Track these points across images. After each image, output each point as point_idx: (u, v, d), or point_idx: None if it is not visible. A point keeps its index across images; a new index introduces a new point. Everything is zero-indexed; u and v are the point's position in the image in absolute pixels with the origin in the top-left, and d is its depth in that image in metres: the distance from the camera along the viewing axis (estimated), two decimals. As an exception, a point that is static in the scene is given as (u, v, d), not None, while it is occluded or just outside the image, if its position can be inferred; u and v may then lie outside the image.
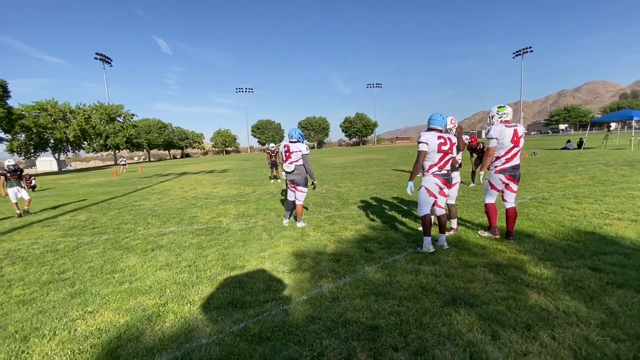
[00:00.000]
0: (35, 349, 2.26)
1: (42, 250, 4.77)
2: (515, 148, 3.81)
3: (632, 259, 3.13)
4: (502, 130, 3.80)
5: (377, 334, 2.18)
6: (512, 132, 3.77)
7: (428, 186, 3.72)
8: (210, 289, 3.07)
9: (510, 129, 3.79)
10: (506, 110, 3.89)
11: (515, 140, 3.78)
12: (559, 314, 2.30)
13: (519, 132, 3.79)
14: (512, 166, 3.85)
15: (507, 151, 3.83)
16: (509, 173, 3.87)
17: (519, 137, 3.79)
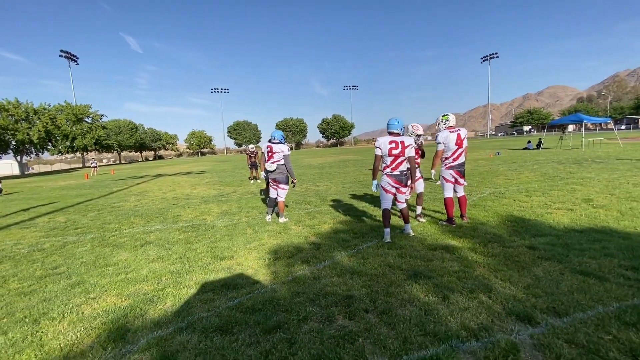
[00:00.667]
0: (48, 329, 2.52)
1: (28, 249, 4.86)
2: (459, 149, 4.55)
3: (561, 239, 3.78)
4: (447, 135, 4.53)
5: (351, 301, 2.62)
6: (456, 136, 4.51)
7: (383, 185, 4.17)
8: (203, 275, 3.40)
9: (454, 133, 4.52)
10: (449, 117, 4.65)
11: (459, 143, 4.52)
12: (497, 281, 2.85)
13: (462, 135, 4.53)
14: (458, 164, 4.61)
15: (453, 152, 4.57)
16: (457, 169, 4.62)
17: (462, 139, 4.52)
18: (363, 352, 1.99)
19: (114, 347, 2.21)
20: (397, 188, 4.13)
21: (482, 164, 13.67)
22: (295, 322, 2.38)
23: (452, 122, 4.65)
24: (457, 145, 4.56)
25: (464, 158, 4.68)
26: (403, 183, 4.12)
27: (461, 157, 4.63)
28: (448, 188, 4.73)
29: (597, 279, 2.74)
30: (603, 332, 2.03)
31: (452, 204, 4.68)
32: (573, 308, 2.32)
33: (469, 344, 2.01)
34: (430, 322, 2.27)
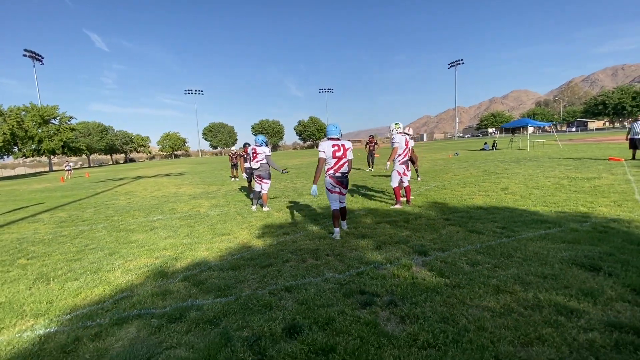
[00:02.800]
0: (108, 275, 3.63)
1: (50, 236, 5.78)
2: (406, 149, 6.06)
3: (469, 214, 5.29)
4: (401, 138, 5.98)
5: (318, 251, 3.93)
6: (405, 139, 5.99)
7: (327, 186, 4.54)
8: (210, 244, 4.59)
9: (404, 137, 6.00)
10: (400, 125, 6.12)
11: (406, 144, 6.03)
12: (414, 237, 4.26)
13: (408, 139, 6.04)
14: (406, 160, 6.16)
15: (403, 150, 6.02)
16: (405, 164, 6.14)
17: (407, 141, 6.05)
18: (323, 272, 3.29)
19: (162, 280, 3.38)
20: (339, 190, 4.53)
21: (440, 163, 15.50)
22: (280, 262, 3.65)
23: (401, 129, 6.26)
24: (405, 145, 6.15)
25: (408, 156, 6.23)
26: (344, 184, 4.52)
27: (407, 155, 6.18)
28: (396, 178, 6.16)
29: (477, 233, 4.22)
30: (462, 257, 3.46)
31: (399, 191, 6.14)
32: (453, 247, 3.76)
33: (385, 266, 3.37)
34: (365, 256, 3.63)
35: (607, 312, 2.28)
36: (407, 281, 2.94)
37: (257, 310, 2.60)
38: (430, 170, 12.57)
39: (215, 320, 2.49)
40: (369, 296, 2.70)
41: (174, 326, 2.45)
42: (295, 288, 2.96)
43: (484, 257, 3.42)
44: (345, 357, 1.95)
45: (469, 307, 2.46)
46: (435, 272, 3.09)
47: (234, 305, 2.71)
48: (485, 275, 2.97)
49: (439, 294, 2.68)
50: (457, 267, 3.20)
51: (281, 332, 2.27)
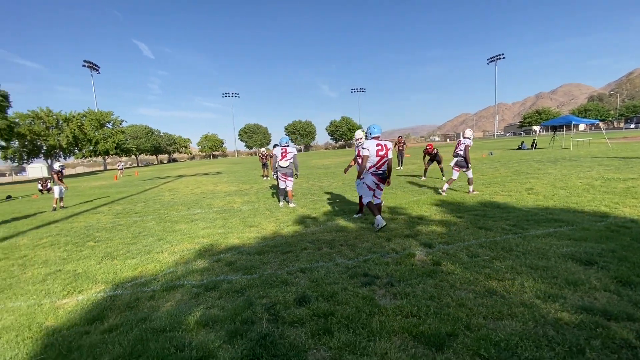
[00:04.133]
0: (158, 256, 4.37)
1: (110, 225, 6.80)
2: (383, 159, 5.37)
3: (484, 212, 5.46)
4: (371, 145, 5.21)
5: (333, 242, 4.40)
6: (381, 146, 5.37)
7: (367, 182, 4.92)
8: (241, 234, 5.23)
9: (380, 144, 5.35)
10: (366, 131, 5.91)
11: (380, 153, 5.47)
12: (424, 231, 4.57)
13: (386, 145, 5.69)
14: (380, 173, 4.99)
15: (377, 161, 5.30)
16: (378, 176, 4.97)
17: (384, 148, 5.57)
18: (334, 258, 3.76)
19: (200, 260, 4.04)
20: (378, 185, 4.94)
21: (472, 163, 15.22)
22: (299, 250, 4.17)
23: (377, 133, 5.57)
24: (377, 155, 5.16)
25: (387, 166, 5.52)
26: (383, 181, 4.92)
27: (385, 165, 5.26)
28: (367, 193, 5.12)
29: (485, 229, 4.45)
30: (464, 250, 3.75)
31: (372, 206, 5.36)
32: (458, 241, 4.04)
33: (391, 255, 3.76)
34: (374, 247, 4.03)
35: (584, 298, 2.52)
36: (407, 267, 3.32)
37: (276, 285, 3.13)
38: (459, 170, 12.47)
39: (242, 290, 3.06)
40: (370, 278, 3.13)
41: (209, 293, 3.06)
42: (309, 270, 3.45)
43: (485, 250, 3.69)
44: (341, 320, 2.41)
45: (457, 289, 2.80)
46: (434, 262, 3.43)
47: (257, 280, 3.26)
48: (481, 265, 3.26)
49: (432, 278, 3.04)
50: (457, 257, 3.51)
51: (293, 301, 2.78)
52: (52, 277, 3.78)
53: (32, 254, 4.89)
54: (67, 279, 3.71)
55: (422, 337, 2.14)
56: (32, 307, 3.01)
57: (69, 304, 3.04)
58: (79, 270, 4.00)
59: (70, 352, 2.22)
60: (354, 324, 2.34)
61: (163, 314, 2.69)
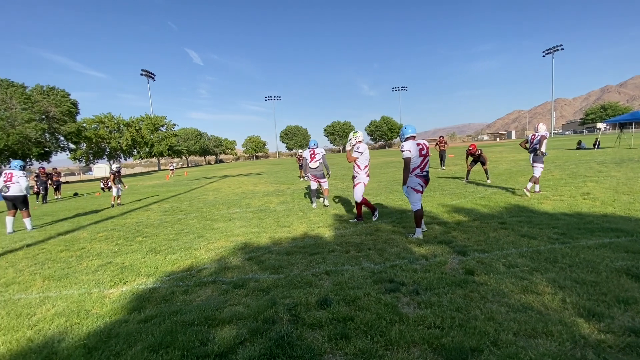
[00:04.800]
0: (195, 252, 4.65)
1: (157, 222, 7.37)
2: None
3: (530, 218, 5.05)
4: (365, 147, 5.65)
5: (361, 245, 4.35)
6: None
7: (413, 186, 4.58)
8: (273, 234, 5.37)
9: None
10: (358, 133, 5.72)
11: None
12: (460, 238, 4.34)
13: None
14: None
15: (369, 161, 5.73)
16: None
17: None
18: (360, 262, 3.72)
19: (233, 258, 4.22)
20: (423, 186, 4.62)
21: (521, 164, 14.11)
22: (326, 252, 4.19)
23: (360, 138, 5.68)
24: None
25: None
26: (427, 182, 4.64)
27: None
28: (361, 191, 5.66)
29: (528, 238, 4.11)
30: (501, 259, 3.49)
31: (360, 207, 5.75)
32: (495, 249, 3.78)
33: (420, 261, 3.62)
34: (404, 252, 3.92)
35: (635, 319, 2.23)
36: (436, 275, 3.18)
37: (300, 286, 3.18)
38: (506, 172, 11.65)
39: (267, 290, 3.15)
40: (395, 284, 3.05)
41: (237, 290, 3.19)
42: (334, 273, 3.45)
43: (525, 260, 3.41)
44: (360, 326, 2.38)
45: (488, 302, 2.62)
46: (467, 270, 3.25)
47: (283, 280, 3.34)
48: (518, 277, 3.02)
49: (462, 288, 2.88)
50: (492, 267, 3.29)
51: (314, 303, 2.80)
52: (103, 269, 4.19)
53: (89, 246, 5.46)
54: (115, 270, 4.09)
55: (443, 350, 2.04)
56: (82, 295, 3.37)
57: (114, 294, 3.36)
58: (126, 263, 4.39)
59: (109, 339, 2.45)
60: (373, 331, 2.30)
61: (193, 308, 2.86)
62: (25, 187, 7.17)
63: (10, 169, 7.24)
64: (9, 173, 7.11)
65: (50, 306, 3.17)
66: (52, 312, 3.02)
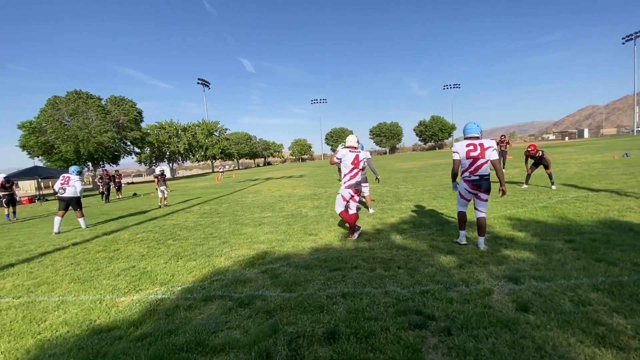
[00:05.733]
0: (215, 260, 4.49)
1: (193, 224, 7.48)
2: (356, 169, 4.93)
3: (607, 237, 4.05)
4: (346, 154, 4.91)
5: (390, 262, 3.80)
6: (354, 156, 4.88)
7: (460, 190, 4.23)
8: (297, 242, 5.03)
9: (353, 153, 4.89)
10: (348, 139, 5.04)
11: (355, 162, 4.90)
12: (513, 259, 3.58)
13: (360, 157, 4.94)
14: (354, 182, 4.96)
15: (350, 169, 4.93)
16: (352, 188, 4.95)
17: (359, 160, 4.91)
18: (385, 284, 3.19)
19: (249, 269, 3.96)
20: (476, 194, 4.04)
21: (595, 167, 12.11)
22: (349, 268, 3.72)
23: (350, 143, 5.03)
24: (353, 164, 4.91)
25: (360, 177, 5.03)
26: (482, 189, 3.97)
27: (357, 176, 4.95)
28: (340, 204, 5.05)
29: (606, 263, 3.23)
30: (568, 292, 2.73)
31: (345, 215, 5.00)
32: (560, 278, 2.99)
33: (459, 288, 2.99)
34: (439, 274, 3.30)
35: None
36: (477, 309, 2.55)
37: (309, 310, 2.76)
38: (576, 176, 10.02)
39: (273, 312, 2.79)
40: (423, 318, 2.49)
41: (241, 310, 2.88)
42: (352, 295, 2.98)
43: (601, 295, 2.61)
44: (369, 375, 1.90)
45: (546, 355, 1.97)
46: (519, 305, 2.56)
47: (293, 301, 2.95)
48: (592, 320, 2.28)
49: (511, 331, 2.23)
50: (554, 303, 2.56)
51: (321, 335, 2.37)
52: (125, 273, 4.19)
53: (123, 248, 5.63)
54: (135, 276, 4.06)
55: None
56: (94, 302, 3.32)
57: (123, 303, 3.26)
58: (148, 268, 4.36)
59: (95, 358, 2.27)
60: (383, 385, 1.81)
61: (189, 329, 2.60)
62: (80, 190, 7.74)
63: (69, 173, 7.88)
64: (67, 177, 7.74)
65: (62, 312, 3.16)
66: (60, 320, 2.99)
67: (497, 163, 3.92)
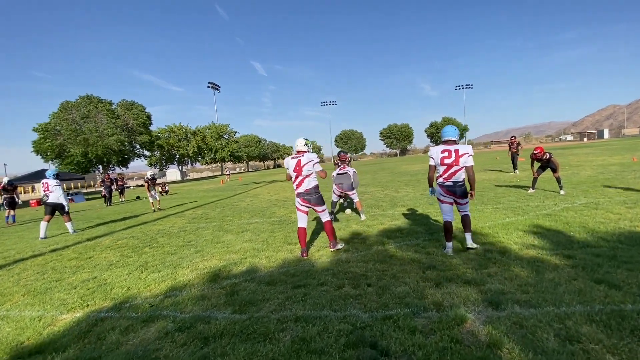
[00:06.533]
0: (179, 272, 4.19)
1: (177, 230, 7.25)
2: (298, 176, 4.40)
3: (613, 251, 3.56)
4: (289, 162, 4.47)
5: (362, 278, 3.42)
6: (296, 162, 4.37)
7: (436, 194, 4.16)
8: (273, 252, 4.69)
9: (294, 160, 4.39)
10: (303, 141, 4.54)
11: (297, 168, 4.36)
12: (499, 280, 3.14)
13: (301, 163, 4.32)
14: (301, 191, 4.45)
15: (295, 177, 4.44)
16: (301, 197, 4.46)
17: (301, 166, 4.32)
18: (347, 307, 2.81)
19: (209, 285, 3.64)
20: (452, 200, 4.05)
21: (611, 170, 11.34)
22: (314, 284, 3.35)
23: (297, 147, 4.56)
24: (295, 171, 4.42)
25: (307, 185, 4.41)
26: (457, 194, 3.98)
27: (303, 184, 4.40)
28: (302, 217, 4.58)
29: (607, 286, 2.76)
30: (555, 322, 2.29)
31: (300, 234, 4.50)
32: (549, 304, 2.55)
33: (428, 313, 2.58)
34: (412, 296, 2.89)
35: None
36: (442, 343, 2.15)
37: (253, 338, 2.42)
38: (589, 180, 9.35)
39: (211, 339, 2.45)
40: (375, 353, 2.10)
41: (178, 335, 2.55)
42: (305, 320, 2.61)
43: (595, 329, 2.17)
44: None
45: (512, 413, 1.56)
46: (493, 340, 2.15)
47: (238, 325, 2.61)
48: (579, 363, 1.85)
49: (475, 375, 1.83)
50: (536, 337, 2.14)
51: (251, 373, 2.02)
52: (82, 285, 3.94)
53: (97, 255, 5.42)
54: (90, 289, 3.80)
55: None
56: (33, 319, 3.06)
57: (63, 321, 2.99)
58: (108, 280, 4.10)
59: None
60: None
61: (113, 358, 2.29)
62: (60, 196, 7.56)
63: (46, 178, 7.68)
64: (46, 182, 7.59)
65: (-6, 332, 2.90)
66: (-13, 341, 2.73)
67: (471, 170, 3.92)
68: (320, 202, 4.53)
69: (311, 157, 4.45)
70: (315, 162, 4.45)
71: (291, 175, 4.53)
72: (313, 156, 4.48)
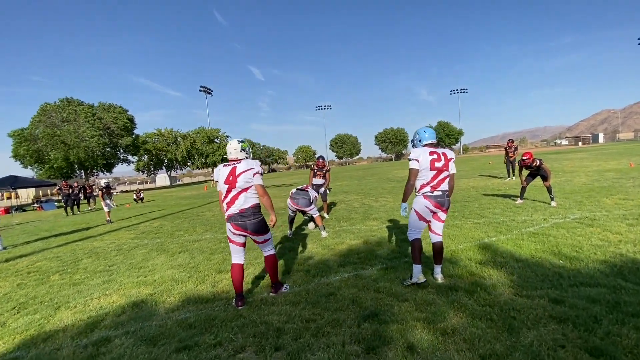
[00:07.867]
0: (60, 314, 3.26)
1: (113, 248, 6.29)
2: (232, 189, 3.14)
3: (617, 294, 2.67)
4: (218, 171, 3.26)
5: (276, 334, 2.50)
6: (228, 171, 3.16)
7: (418, 209, 3.28)
8: (194, 285, 3.77)
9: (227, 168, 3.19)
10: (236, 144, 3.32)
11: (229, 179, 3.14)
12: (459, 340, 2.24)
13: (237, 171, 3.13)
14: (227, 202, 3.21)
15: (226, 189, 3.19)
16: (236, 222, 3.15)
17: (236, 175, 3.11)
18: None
19: (82, 337, 2.70)
20: (435, 213, 3.29)
21: (608, 177, 10.52)
22: (208, 344, 2.43)
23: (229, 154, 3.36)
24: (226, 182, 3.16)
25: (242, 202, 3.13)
26: (444, 207, 3.27)
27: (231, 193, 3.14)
28: None
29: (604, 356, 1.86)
30: None
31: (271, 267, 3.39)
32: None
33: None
34: None
35: None
36: None
37: None
38: (584, 188, 8.51)
39: None
40: None
41: None
42: None
43: None
44: None
45: None
46: None
47: None
48: None
49: None
50: None
51: None
52: None
53: (-11, 285, 4.45)
54: None
55: None
56: None
57: None
58: (-36, 326, 3.15)
59: None
60: None
61: None
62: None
63: None
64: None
65: None
66: None
67: (453, 178, 3.38)
68: (260, 230, 3.22)
69: (252, 163, 3.24)
70: (256, 172, 3.21)
71: (221, 190, 3.23)
72: (254, 163, 3.26)
